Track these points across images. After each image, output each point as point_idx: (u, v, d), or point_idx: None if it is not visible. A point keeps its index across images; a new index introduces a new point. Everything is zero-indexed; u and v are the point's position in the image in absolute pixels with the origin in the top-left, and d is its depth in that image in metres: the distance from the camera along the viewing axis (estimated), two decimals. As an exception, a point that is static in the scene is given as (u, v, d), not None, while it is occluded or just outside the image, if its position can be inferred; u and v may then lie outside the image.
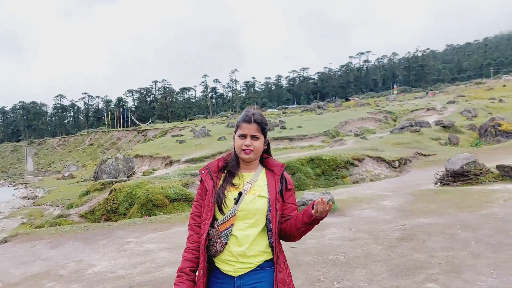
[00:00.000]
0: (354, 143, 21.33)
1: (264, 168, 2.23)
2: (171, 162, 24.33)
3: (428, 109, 39.92)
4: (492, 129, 21.11)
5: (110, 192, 13.83)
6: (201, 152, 24.43)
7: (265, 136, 2.17)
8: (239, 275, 2.06)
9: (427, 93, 78.86)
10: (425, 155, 17.81)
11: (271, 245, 2.11)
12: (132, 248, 6.70)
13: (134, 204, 12.55)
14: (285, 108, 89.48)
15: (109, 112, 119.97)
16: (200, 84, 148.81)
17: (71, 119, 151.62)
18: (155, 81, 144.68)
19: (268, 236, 2.11)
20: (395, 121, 37.85)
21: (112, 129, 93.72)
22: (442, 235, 5.55)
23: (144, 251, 6.45)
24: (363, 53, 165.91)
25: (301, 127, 31.96)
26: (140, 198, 12.20)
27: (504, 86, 69.59)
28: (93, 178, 21.33)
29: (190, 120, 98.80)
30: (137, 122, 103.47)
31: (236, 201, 2.07)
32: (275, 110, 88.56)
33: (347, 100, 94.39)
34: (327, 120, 36.24)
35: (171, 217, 9.26)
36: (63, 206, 19.07)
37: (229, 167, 2.19)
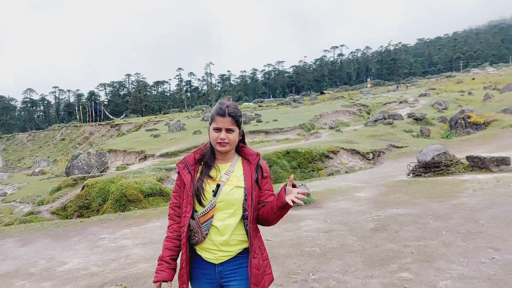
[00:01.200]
0: (329, 136, 21.53)
1: (240, 157, 2.26)
2: (146, 156, 24.01)
3: (400, 102, 40.68)
4: (462, 121, 21.66)
5: (83, 188, 13.53)
6: (176, 146, 24.18)
7: (239, 128, 2.19)
8: (220, 262, 2.16)
9: (397, 87, 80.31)
10: (398, 147, 18.15)
11: (247, 233, 2.16)
12: (106, 245, 6.57)
13: (107, 200, 12.32)
14: (261, 102, 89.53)
15: (80, 106, 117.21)
16: (174, 78, 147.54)
17: (41, 113, 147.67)
18: (128, 75, 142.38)
19: (244, 224, 2.17)
20: (369, 114, 38.43)
21: (84, 124, 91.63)
22: (414, 225, 5.66)
23: (118, 247, 6.33)
24: (337, 47, 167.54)
25: (277, 121, 32.03)
26: (114, 194, 11.97)
27: (473, 79, 71.59)
28: (64, 174, 20.83)
29: (164, 114, 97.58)
30: (110, 116, 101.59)
31: (215, 193, 2.12)
32: (251, 103, 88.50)
33: (322, 93, 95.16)
34: (303, 114, 36.45)
35: (146, 212, 9.12)
36: (33, 203, 18.55)
37: (206, 159, 2.22)
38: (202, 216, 2.14)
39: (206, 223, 2.13)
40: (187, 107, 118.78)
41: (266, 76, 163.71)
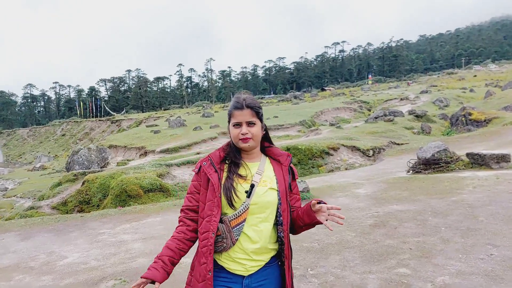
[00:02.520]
0: (329, 133, 21.54)
1: (267, 158, 2.09)
2: (146, 152, 24.04)
3: (401, 99, 40.61)
4: (463, 118, 21.65)
5: (83, 183, 13.56)
6: (176, 143, 24.20)
7: (261, 121, 2.01)
8: (249, 274, 1.92)
9: (398, 85, 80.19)
10: (398, 144, 18.15)
11: (280, 240, 1.98)
12: (105, 239, 6.59)
13: (107, 195, 12.35)
14: (262, 98, 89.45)
15: (81, 102, 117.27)
16: (175, 74, 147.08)
17: (41, 109, 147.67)
18: (129, 70, 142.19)
19: (278, 230, 1.98)
20: (369, 110, 38.40)
21: (85, 119, 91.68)
22: (413, 221, 5.67)
23: (117, 242, 6.36)
24: (338, 43, 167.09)
25: (277, 117, 32.03)
26: (114, 189, 12.01)
27: (475, 76, 71.42)
28: (65, 169, 20.86)
29: (165, 110, 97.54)
30: (111, 112, 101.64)
31: (249, 194, 1.92)
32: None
33: (323, 90, 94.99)
34: (303, 110, 36.43)
35: (146, 207, 9.15)
36: (34, 198, 18.60)
37: (232, 158, 2.02)
38: (233, 219, 1.90)
39: (237, 227, 1.90)
40: (187, 103, 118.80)
41: (267, 72, 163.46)
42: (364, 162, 15.87)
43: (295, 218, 2.02)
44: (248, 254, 1.91)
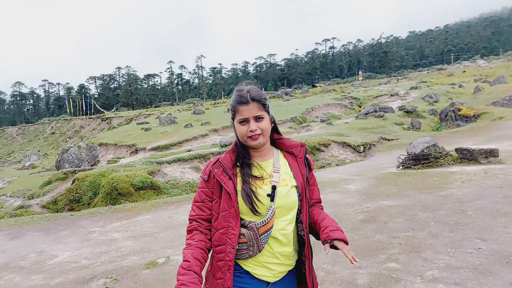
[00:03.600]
0: (320, 129, 21.60)
1: (279, 151, 1.92)
2: (137, 150, 23.92)
3: (391, 95, 40.87)
4: (452, 114, 21.84)
5: (73, 181, 13.46)
6: (167, 140, 24.11)
7: (268, 113, 1.81)
8: (275, 281, 1.78)
9: (389, 81, 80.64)
10: (388, 140, 18.26)
11: (301, 239, 1.83)
12: (96, 238, 6.56)
13: (98, 194, 12.28)
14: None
15: (70, 100, 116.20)
16: (165, 71, 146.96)
17: (30, 107, 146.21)
18: (119, 68, 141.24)
19: (298, 228, 1.83)
20: (360, 106, 38.58)
21: (75, 117, 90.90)
22: (403, 216, 5.72)
23: (108, 240, 6.33)
24: (328, 40, 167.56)
25: (268, 114, 31.98)
26: (105, 187, 11.94)
27: (464, 72, 72.06)
28: (55, 167, 20.69)
29: (155, 107, 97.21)
30: (101, 110, 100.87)
31: (272, 197, 1.74)
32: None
33: (313, 86, 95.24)
34: (294, 107, 36.49)
35: (137, 205, 9.11)
36: (24, 197, 18.42)
37: (242, 159, 1.83)
38: (262, 226, 1.73)
39: (265, 234, 1.73)
40: (178, 100, 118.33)
41: (258, 69, 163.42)
42: (355, 158, 15.95)
43: (314, 221, 1.86)
44: (278, 258, 1.77)
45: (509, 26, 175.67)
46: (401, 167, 10.31)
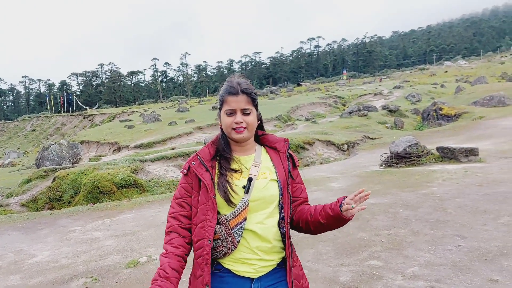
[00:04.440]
0: (305, 128, 21.68)
1: (262, 147, 1.88)
2: (120, 148, 23.66)
3: (375, 94, 41.26)
4: (434, 113, 22.14)
5: (54, 179, 13.23)
6: (151, 138, 23.91)
7: (256, 109, 1.80)
8: (259, 276, 1.71)
9: (374, 80, 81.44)
10: (372, 138, 18.43)
11: (283, 236, 1.76)
12: (76, 237, 6.46)
13: (79, 192, 12.10)
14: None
15: (52, 97, 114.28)
16: (149, 68, 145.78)
17: (10, 103, 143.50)
18: (102, 64, 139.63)
19: (279, 225, 1.76)
20: (344, 105, 38.83)
21: (56, 114, 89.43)
22: (385, 214, 5.77)
23: (89, 239, 6.24)
24: (313, 39, 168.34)
25: (253, 112, 31.97)
26: (86, 185, 11.76)
27: (446, 72, 73.12)
28: (35, 165, 20.31)
29: (139, 104, 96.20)
30: (83, 107, 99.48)
31: (247, 189, 1.70)
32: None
33: (298, 85, 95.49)
34: (279, 105, 36.54)
35: (119, 204, 9.00)
36: (2, 195, 18.04)
37: (221, 152, 1.81)
38: (232, 218, 1.68)
39: (238, 227, 1.68)
40: (162, 98, 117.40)
41: (243, 67, 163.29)
42: (339, 156, 16.05)
43: (312, 214, 1.79)
44: (256, 253, 1.70)
45: (490, 27, 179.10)
46: (384, 165, 10.41)
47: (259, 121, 1.85)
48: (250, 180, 1.72)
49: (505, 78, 43.22)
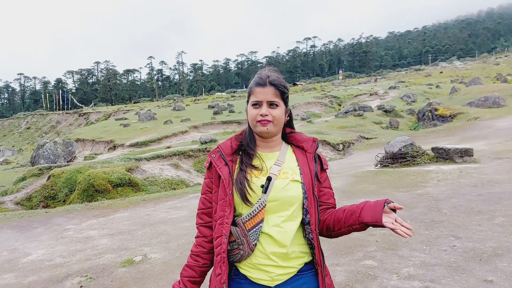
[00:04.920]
0: (300, 127, 21.70)
1: (289, 146, 1.78)
2: (115, 146, 23.58)
3: (371, 94, 41.38)
4: (429, 114, 22.24)
5: (49, 177, 13.18)
6: (146, 136, 23.85)
7: (286, 104, 1.71)
8: (277, 284, 1.61)
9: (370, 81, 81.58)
10: (367, 138, 18.48)
11: (310, 242, 1.65)
12: (71, 235, 6.43)
13: (74, 190, 12.06)
14: (234, 92, 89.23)
15: (47, 94, 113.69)
16: (145, 66, 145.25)
17: (5, 101, 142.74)
18: (97, 62, 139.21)
19: (305, 230, 1.65)
20: (340, 105, 38.92)
21: (51, 112, 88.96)
22: (380, 214, 5.78)
23: (83, 238, 6.21)
24: (309, 38, 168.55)
25: (249, 111, 31.98)
26: (81, 184, 11.72)
27: (441, 72, 73.54)
28: (30, 163, 20.22)
29: (135, 103, 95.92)
30: (79, 105, 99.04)
31: (265, 188, 1.60)
32: (223, 93, 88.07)
33: (294, 84, 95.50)
34: (275, 104, 36.51)
35: (114, 202, 8.98)
36: (-3, 193, 17.93)
37: (245, 147, 1.73)
38: (248, 220, 1.60)
39: (254, 229, 1.59)
40: (158, 96, 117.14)
41: (239, 66, 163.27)
42: (334, 156, 16.09)
43: (341, 218, 1.65)
44: (272, 259, 1.59)
45: (485, 28, 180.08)
46: (379, 165, 10.44)
47: (288, 118, 1.77)
48: (269, 179, 1.62)
49: (500, 79, 43.52)
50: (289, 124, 1.79)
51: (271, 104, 1.65)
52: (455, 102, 25.74)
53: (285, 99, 1.69)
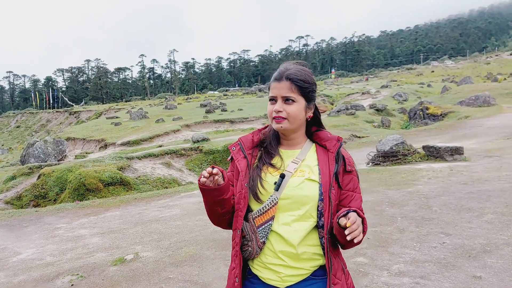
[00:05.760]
0: (292, 125, 21.70)
1: (314, 144, 1.69)
2: (106, 145, 23.46)
3: (363, 93, 41.54)
4: (421, 112, 22.38)
5: (39, 176, 13.07)
6: (138, 135, 23.75)
7: (307, 99, 1.62)
8: (287, 286, 1.55)
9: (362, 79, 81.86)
10: (359, 137, 18.56)
11: (322, 246, 1.57)
12: (62, 234, 6.39)
13: (65, 189, 11.97)
14: (226, 91, 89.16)
15: (37, 93, 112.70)
16: (137, 64, 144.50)
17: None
18: (88, 60, 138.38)
19: (319, 234, 1.57)
20: (332, 104, 39.02)
21: (41, 111, 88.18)
22: (371, 212, 5.82)
23: (74, 236, 6.18)
24: (302, 37, 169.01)
25: (242, 110, 32.04)
26: (72, 183, 11.64)
27: (432, 72, 74.08)
28: (20, 162, 20.04)
29: (126, 101, 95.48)
30: (69, 103, 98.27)
31: (278, 186, 1.55)
32: (216, 92, 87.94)
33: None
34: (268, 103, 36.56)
35: (105, 201, 8.93)
36: (-14, 193, 17.75)
37: (266, 144, 1.68)
38: (258, 216, 1.56)
39: (263, 226, 1.55)
40: (149, 95, 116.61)
41: (232, 64, 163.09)
42: (326, 154, 16.13)
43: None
44: (281, 258, 1.54)
45: (476, 28, 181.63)
46: (370, 163, 10.50)
47: (313, 115, 1.68)
48: (282, 176, 1.56)
49: (491, 79, 43.93)
50: (316, 122, 1.71)
51: (287, 100, 1.58)
52: (446, 101, 25.94)
53: (306, 94, 1.61)
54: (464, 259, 3.99)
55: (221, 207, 1.62)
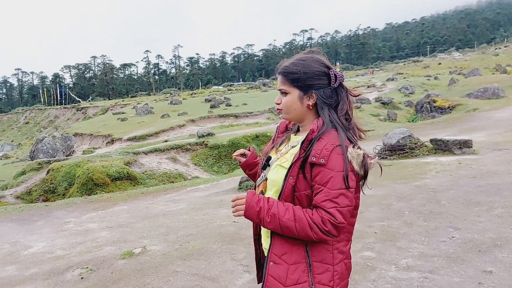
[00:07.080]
0: (298, 120, 21.65)
1: None
2: (113, 140, 23.55)
3: (368, 86, 41.27)
4: (428, 105, 22.22)
5: (48, 172, 13.19)
6: (144, 130, 23.81)
7: (303, 89, 1.63)
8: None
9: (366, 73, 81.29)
10: (365, 131, 18.47)
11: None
12: (71, 228, 6.45)
13: (73, 184, 12.07)
14: (231, 85, 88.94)
15: (45, 89, 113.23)
16: (142, 60, 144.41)
17: (3, 96, 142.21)
18: (94, 57, 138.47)
19: None
20: (337, 97, 38.82)
21: (49, 107, 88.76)
22: (378, 206, 5.80)
23: (83, 230, 6.23)
24: (306, 31, 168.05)
25: (246, 104, 31.97)
26: (80, 178, 11.73)
27: (439, 64, 73.34)
28: (29, 158, 20.20)
29: (132, 97, 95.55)
30: (77, 99, 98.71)
31: (262, 165, 1.73)
32: (220, 87, 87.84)
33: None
34: (272, 97, 36.06)
35: (112, 195, 9.00)
36: (-4, 188, 17.91)
37: (289, 129, 1.85)
38: (255, 187, 1.78)
39: None
40: (155, 91, 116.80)
41: (236, 59, 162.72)
42: (333, 148, 16.08)
43: None
44: (264, 231, 1.74)
45: (484, 19, 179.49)
46: (377, 157, 10.45)
47: (315, 103, 1.65)
48: (268, 158, 1.75)
49: (499, 70, 43.48)
50: (319, 109, 1.67)
51: (282, 92, 1.69)
52: (454, 93, 25.71)
53: (299, 85, 1.63)
54: (473, 253, 3.96)
55: (249, 171, 2.01)
